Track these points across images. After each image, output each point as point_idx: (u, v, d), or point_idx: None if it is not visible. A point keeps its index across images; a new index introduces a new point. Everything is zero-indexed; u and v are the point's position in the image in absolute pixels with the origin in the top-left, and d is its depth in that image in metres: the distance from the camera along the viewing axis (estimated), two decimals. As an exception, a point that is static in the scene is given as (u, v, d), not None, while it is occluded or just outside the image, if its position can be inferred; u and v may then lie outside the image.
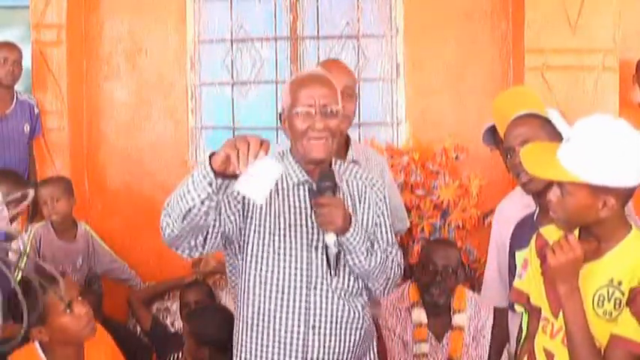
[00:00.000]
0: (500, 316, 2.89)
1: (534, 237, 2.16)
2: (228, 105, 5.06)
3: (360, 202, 2.34)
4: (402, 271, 2.41)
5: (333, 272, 2.24)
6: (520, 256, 2.36)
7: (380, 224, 2.36)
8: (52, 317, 2.50)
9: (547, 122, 2.37)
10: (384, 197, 2.40)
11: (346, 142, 2.90)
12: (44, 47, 4.70)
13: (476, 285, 4.12)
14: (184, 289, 4.12)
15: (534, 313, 2.16)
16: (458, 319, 3.41)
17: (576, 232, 2.01)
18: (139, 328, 4.29)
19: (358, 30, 4.96)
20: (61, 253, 3.98)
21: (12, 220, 3.56)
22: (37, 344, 2.56)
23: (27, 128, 4.57)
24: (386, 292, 2.39)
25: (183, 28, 4.98)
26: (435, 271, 3.38)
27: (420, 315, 3.38)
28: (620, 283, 1.88)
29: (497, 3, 4.75)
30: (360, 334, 2.31)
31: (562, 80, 4.27)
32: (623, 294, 1.87)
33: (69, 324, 2.51)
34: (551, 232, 2.10)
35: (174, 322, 4.22)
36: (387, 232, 2.38)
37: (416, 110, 4.85)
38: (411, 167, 4.59)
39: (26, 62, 4.62)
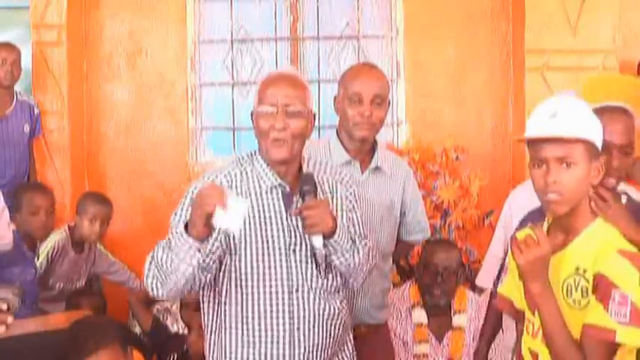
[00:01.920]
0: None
1: (511, 242, 2.14)
2: (229, 105, 5.06)
3: (332, 199, 2.33)
4: (374, 261, 2.40)
5: (322, 274, 2.24)
6: None
7: (352, 219, 2.36)
8: None
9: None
10: (354, 192, 2.39)
11: (372, 147, 2.87)
12: (44, 48, 4.70)
13: (476, 286, 4.12)
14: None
15: (520, 316, 2.16)
16: (458, 320, 3.41)
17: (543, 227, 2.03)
18: (138, 329, 4.29)
19: (358, 31, 4.96)
20: (71, 264, 4.00)
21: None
22: None
23: (27, 129, 4.57)
24: (361, 282, 2.39)
25: (183, 29, 4.98)
26: (435, 271, 3.38)
27: (420, 315, 3.39)
28: (585, 271, 1.89)
29: (497, 4, 4.76)
30: (340, 328, 2.33)
31: (562, 81, 4.27)
32: (588, 282, 1.88)
33: None
34: (524, 235, 2.11)
35: (175, 323, 4.22)
36: (359, 226, 2.37)
37: (416, 111, 4.86)
38: (412, 168, 4.58)
39: (26, 63, 4.62)
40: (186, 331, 4.06)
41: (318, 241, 2.17)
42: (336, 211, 2.31)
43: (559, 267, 1.94)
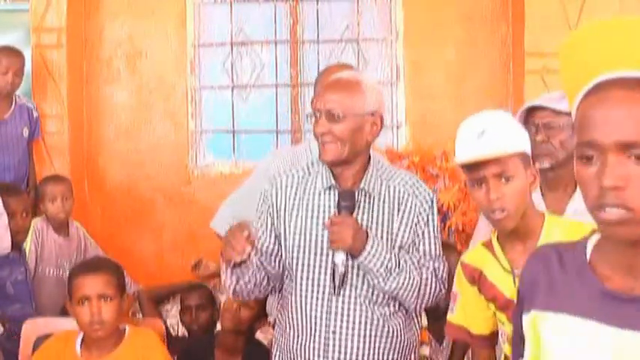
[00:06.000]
0: None
1: (459, 268, 2.13)
2: (228, 108, 5.06)
3: (398, 210, 2.27)
4: (445, 286, 2.31)
5: (337, 291, 2.22)
6: None
7: (422, 235, 2.28)
8: (72, 302, 2.59)
9: None
10: (430, 207, 2.30)
11: None
12: (44, 50, 4.70)
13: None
14: (185, 292, 4.11)
15: (478, 342, 2.14)
16: (458, 323, 3.40)
17: (499, 248, 2.01)
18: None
19: (358, 33, 4.97)
20: (57, 248, 3.98)
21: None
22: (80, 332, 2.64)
23: (26, 132, 4.56)
24: (420, 307, 2.34)
25: (183, 32, 4.98)
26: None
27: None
28: None
29: (497, 6, 4.76)
30: (384, 341, 2.27)
31: (562, 83, 4.27)
32: None
33: (76, 314, 2.56)
34: (474, 258, 2.09)
35: (174, 326, 4.21)
36: (429, 244, 2.29)
37: (416, 113, 4.86)
38: (411, 170, 4.58)
39: (26, 66, 4.59)
40: (186, 334, 4.06)
41: (338, 257, 2.16)
42: (400, 223, 2.26)
43: None
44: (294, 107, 5.00)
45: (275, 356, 2.40)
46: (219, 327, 3.62)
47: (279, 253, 2.31)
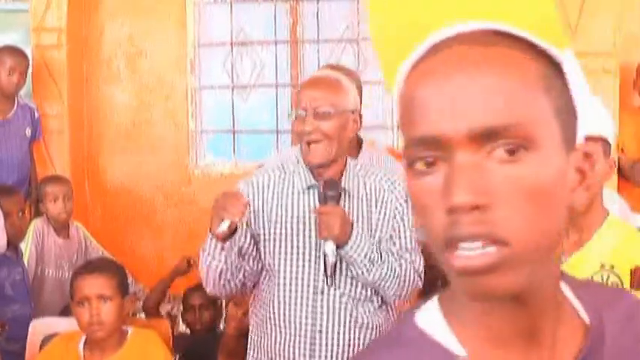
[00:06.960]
0: None
1: None
2: (229, 108, 5.06)
3: (376, 206, 2.29)
4: (421, 279, 2.35)
5: (329, 281, 2.22)
6: None
7: (398, 229, 2.30)
8: (73, 302, 2.61)
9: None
10: (406, 202, 2.32)
11: (359, 146, 2.86)
12: (44, 50, 4.70)
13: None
14: (187, 292, 4.11)
15: None
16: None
17: None
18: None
19: (358, 33, 4.96)
20: (58, 249, 3.98)
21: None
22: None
23: (28, 132, 4.56)
24: (399, 298, 2.34)
25: (183, 32, 4.98)
26: (435, 275, 3.38)
27: (421, 318, 3.39)
28: (612, 267, 1.89)
29: (497, 6, 4.76)
30: (371, 339, 2.28)
31: (562, 84, 4.26)
32: (619, 277, 1.88)
33: (77, 315, 2.57)
34: None
35: (175, 326, 4.21)
36: (404, 238, 2.31)
37: (416, 113, 4.86)
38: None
39: (27, 66, 4.62)
40: (188, 332, 4.06)
41: (328, 247, 2.16)
42: (378, 219, 2.28)
43: (581, 265, 1.92)
44: (294, 107, 4.99)
45: (249, 356, 2.37)
46: (221, 327, 3.64)
47: (256, 254, 2.28)
